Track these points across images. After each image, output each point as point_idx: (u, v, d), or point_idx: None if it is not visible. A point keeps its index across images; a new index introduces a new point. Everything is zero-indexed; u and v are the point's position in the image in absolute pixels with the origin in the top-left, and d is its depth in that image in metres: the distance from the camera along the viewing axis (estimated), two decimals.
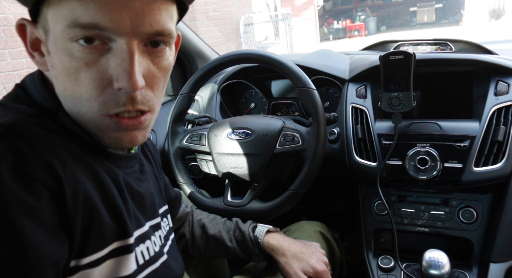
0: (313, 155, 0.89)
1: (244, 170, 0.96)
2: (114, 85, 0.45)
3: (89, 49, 0.44)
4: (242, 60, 1.02)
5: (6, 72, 3.24)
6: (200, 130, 1.03)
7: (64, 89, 0.47)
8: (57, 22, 0.43)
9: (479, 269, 0.92)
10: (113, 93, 0.46)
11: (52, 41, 0.45)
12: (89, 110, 0.47)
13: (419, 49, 1.30)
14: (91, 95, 0.46)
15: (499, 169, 0.87)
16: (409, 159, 0.93)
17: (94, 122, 0.48)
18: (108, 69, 0.45)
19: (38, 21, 0.47)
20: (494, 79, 0.97)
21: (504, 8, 13.56)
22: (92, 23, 0.42)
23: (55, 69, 0.47)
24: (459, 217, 0.96)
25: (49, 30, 0.45)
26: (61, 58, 0.45)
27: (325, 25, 16.32)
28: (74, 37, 0.43)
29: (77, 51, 0.44)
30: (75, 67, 0.45)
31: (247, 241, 0.85)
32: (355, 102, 1.06)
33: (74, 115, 0.49)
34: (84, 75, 0.45)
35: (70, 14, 0.42)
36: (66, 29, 0.43)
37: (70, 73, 0.45)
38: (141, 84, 0.45)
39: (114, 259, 0.50)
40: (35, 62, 0.49)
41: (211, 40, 6.02)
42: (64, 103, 0.49)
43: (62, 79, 0.46)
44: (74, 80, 0.45)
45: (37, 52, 0.48)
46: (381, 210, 1.02)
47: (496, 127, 0.90)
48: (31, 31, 0.48)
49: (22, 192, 0.38)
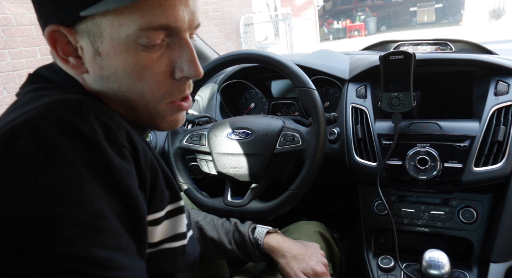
0: (313, 155, 0.89)
1: (244, 170, 0.96)
2: (177, 76, 0.51)
3: (154, 47, 0.49)
4: (242, 60, 1.02)
5: (6, 72, 3.24)
6: (200, 130, 1.03)
7: (119, 86, 0.50)
8: (120, 26, 0.46)
9: (479, 269, 0.92)
10: (174, 83, 0.52)
11: (110, 44, 0.47)
12: (151, 100, 0.52)
13: (419, 49, 1.30)
14: (154, 88, 0.51)
15: (499, 169, 0.87)
16: (409, 159, 0.93)
17: (154, 111, 0.53)
18: (170, 63, 0.51)
19: (76, 28, 0.48)
20: (494, 79, 0.97)
21: (504, 8, 13.56)
22: (164, 25, 0.47)
23: (106, 70, 0.49)
24: (459, 217, 0.96)
25: (103, 34, 0.47)
26: (124, 59, 0.48)
27: (325, 25, 16.33)
28: (143, 38, 0.47)
29: (143, 51, 0.48)
30: (140, 65, 0.49)
31: (246, 242, 0.85)
32: (355, 102, 1.06)
33: (120, 109, 0.53)
34: (149, 71, 0.49)
35: (141, 19, 0.46)
36: (137, 32, 0.47)
37: (134, 71, 0.49)
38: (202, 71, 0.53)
39: (170, 219, 0.55)
40: (71, 66, 0.50)
41: (211, 40, 6.02)
42: (112, 99, 0.52)
43: (119, 78, 0.49)
44: (137, 77, 0.49)
45: (71, 56, 0.50)
46: (381, 210, 1.02)
47: (496, 127, 0.90)
48: (67, 37, 0.48)
49: (118, 158, 0.43)
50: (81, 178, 0.39)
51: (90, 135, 0.41)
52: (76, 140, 0.40)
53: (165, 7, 0.47)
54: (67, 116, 0.41)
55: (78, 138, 0.40)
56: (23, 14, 3.37)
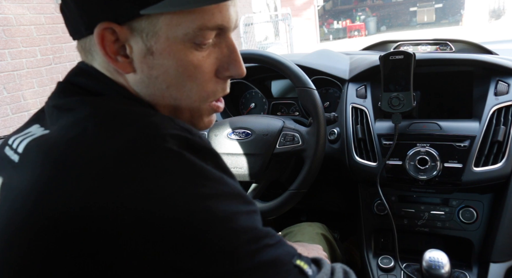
0: (313, 155, 0.89)
1: (244, 170, 0.96)
2: (222, 75, 0.53)
3: (205, 46, 0.49)
4: (242, 60, 1.01)
5: (6, 72, 3.24)
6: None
7: (168, 86, 0.50)
8: (178, 25, 0.46)
9: (479, 269, 0.92)
10: (218, 82, 0.53)
11: (165, 43, 0.47)
12: (197, 100, 0.52)
13: (419, 49, 1.30)
14: (202, 87, 0.51)
15: (499, 169, 0.87)
16: (409, 159, 0.93)
17: (197, 110, 0.54)
18: (216, 62, 0.52)
19: (128, 26, 0.47)
20: (494, 79, 0.97)
21: (504, 8, 13.56)
22: (220, 25, 0.48)
23: (156, 70, 0.49)
24: (459, 217, 0.96)
25: (158, 33, 0.47)
26: (178, 58, 0.48)
27: (325, 25, 16.33)
28: (199, 38, 0.48)
29: (196, 50, 0.49)
30: (193, 64, 0.49)
31: None
32: (355, 102, 1.06)
33: (164, 109, 0.53)
34: (199, 70, 0.50)
35: (200, 19, 0.47)
36: (196, 31, 0.47)
37: (186, 70, 0.49)
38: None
39: None
40: (119, 66, 0.49)
41: None
42: (156, 100, 0.52)
43: (169, 77, 0.49)
44: (188, 76, 0.50)
45: (119, 55, 0.48)
46: (381, 210, 1.02)
47: (496, 127, 0.90)
48: (117, 35, 0.47)
49: (222, 176, 0.44)
50: (222, 178, 0.42)
51: (204, 145, 0.44)
52: (198, 152, 0.42)
53: (221, 7, 0.48)
54: (179, 134, 0.42)
55: (198, 149, 0.43)
56: (23, 14, 3.37)
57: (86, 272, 0.36)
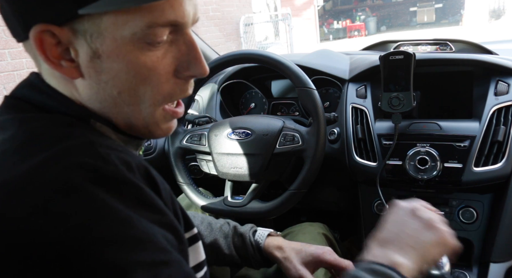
0: (313, 155, 0.89)
1: (244, 170, 0.96)
2: (182, 75, 0.48)
3: (158, 45, 0.45)
4: (242, 60, 1.02)
5: (6, 72, 3.24)
6: (200, 131, 1.03)
7: (119, 92, 0.46)
8: (124, 25, 0.42)
9: (479, 269, 0.92)
10: (177, 83, 0.49)
11: (112, 45, 0.43)
12: (151, 105, 0.48)
13: (419, 49, 1.29)
14: (157, 90, 0.47)
15: (499, 169, 0.87)
16: (409, 159, 0.93)
17: (151, 116, 0.49)
18: (174, 61, 0.47)
19: (68, 27, 0.43)
20: (494, 79, 0.97)
21: (504, 8, 13.56)
22: (172, 21, 0.44)
23: (106, 74, 0.45)
24: (459, 217, 0.96)
25: (104, 34, 0.43)
26: (129, 60, 0.44)
27: (325, 25, 16.32)
28: (150, 37, 0.44)
29: (148, 50, 0.45)
30: (146, 66, 0.45)
31: (247, 245, 0.82)
32: (355, 102, 1.06)
33: (118, 116, 0.49)
34: (154, 72, 0.46)
35: (148, 15, 0.42)
36: (144, 30, 0.43)
37: (138, 73, 0.45)
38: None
39: (190, 248, 0.52)
40: (63, 71, 0.44)
41: (211, 40, 6.02)
42: (108, 107, 0.47)
43: (119, 82, 0.45)
44: (141, 80, 0.45)
45: (63, 60, 0.44)
46: (381, 210, 1.03)
47: (496, 127, 0.90)
48: (57, 38, 0.43)
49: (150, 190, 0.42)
50: (130, 218, 0.37)
51: (118, 175, 0.40)
52: (107, 184, 0.38)
53: (172, 2, 0.43)
54: (89, 162, 0.38)
55: (108, 181, 0.38)
56: None
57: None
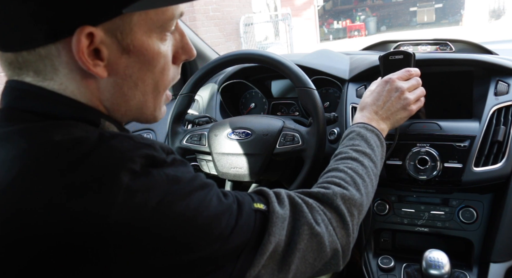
0: (313, 155, 0.89)
1: (244, 170, 0.96)
2: (180, 59, 0.54)
3: (169, 36, 0.51)
4: (242, 60, 1.02)
5: None
6: (200, 131, 1.03)
7: (141, 84, 0.49)
8: (152, 18, 0.46)
9: (479, 269, 0.92)
10: (176, 68, 0.55)
11: (141, 39, 0.46)
12: (162, 90, 0.53)
13: (419, 49, 1.29)
14: (167, 76, 0.52)
15: (499, 169, 0.87)
16: (409, 159, 0.92)
17: (158, 102, 0.54)
18: (173, 48, 0.53)
19: (103, 26, 0.43)
20: (494, 79, 0.97)
21: (504, 8, 13.57)
22: (182, 12, 0.50)
23: (131, 68, 0.47)
24: (459, 217, 0.96)
25: (134, 29, 0.45)
26: (155, 52, 0.48)
27: (325, 25, 16.33)
28: (169, 28, 0.49)
29: (165, 40, 0.50)
30: (163, 56, 0.50)
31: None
32: (355, 102, 1.06)
33: (127, 110, 0.51)
34: (167, 60, 0.51)
35: (170, 9, 0.47)
36: (167, 22, 0.48)
37: (159, 63, 0.49)
38: None
39: None
40: (96, 71, 0.44)
41: (211, 40, 6.02)
42: (125, 102, 0.50)
43: (142, 74, 0.48)
44: (160, 68, 0.50)
45: (97, 60, 0.44)
46: (381, 210, 1.02)
47: (496, 127, 0.90)
48: (94, 38, 0.42)
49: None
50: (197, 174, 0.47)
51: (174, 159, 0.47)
52: (164, 166, 0.44)
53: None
54: (146, 153, 0.43)
55: (163, 165, 0.44)
56: None
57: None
